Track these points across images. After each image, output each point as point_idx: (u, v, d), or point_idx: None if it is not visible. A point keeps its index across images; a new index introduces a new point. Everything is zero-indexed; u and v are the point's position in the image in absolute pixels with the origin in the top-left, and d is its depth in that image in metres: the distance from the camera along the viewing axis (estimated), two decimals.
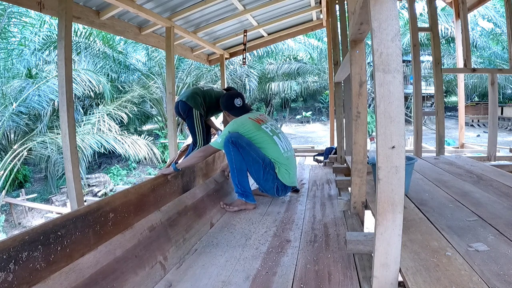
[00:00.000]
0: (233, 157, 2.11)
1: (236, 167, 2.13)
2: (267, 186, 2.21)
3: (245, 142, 2.12)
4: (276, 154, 2.20)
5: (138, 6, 3.22)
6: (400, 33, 0.94)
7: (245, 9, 4.32)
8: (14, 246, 1.11)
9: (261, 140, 2.19)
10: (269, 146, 2.19)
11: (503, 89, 16.85)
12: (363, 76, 1.64)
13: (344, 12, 3.11)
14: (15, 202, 8.54)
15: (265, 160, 2.16)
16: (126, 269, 1.21)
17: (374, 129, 3.03)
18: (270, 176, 2.18)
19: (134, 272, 1.24)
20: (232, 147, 2.10)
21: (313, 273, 1.28)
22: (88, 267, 1.08)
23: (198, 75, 14.23)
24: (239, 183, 2.15)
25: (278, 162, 2.20)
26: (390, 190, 0.96)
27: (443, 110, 3.58)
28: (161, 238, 1.50)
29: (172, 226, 1.62)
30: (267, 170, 2.17)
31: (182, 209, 1.79)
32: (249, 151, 2.12)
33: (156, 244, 1.43)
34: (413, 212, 1.61)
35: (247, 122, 2.23)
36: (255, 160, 2.13)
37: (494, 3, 15.01)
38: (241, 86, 15.94)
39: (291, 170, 2.25)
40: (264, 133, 2.21)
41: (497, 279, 0.98)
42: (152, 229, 1.47)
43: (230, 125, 2.24)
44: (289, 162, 2.24)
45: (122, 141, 9.56)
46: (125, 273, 1.20)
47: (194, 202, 1.96)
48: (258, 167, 2.14)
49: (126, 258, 1.24)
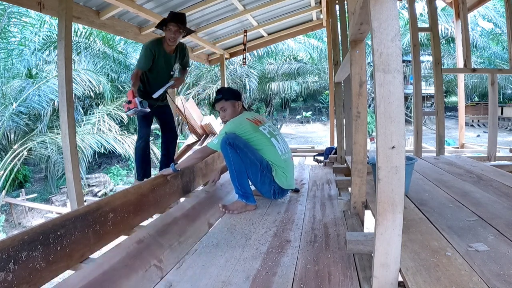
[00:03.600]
0: (231, 158, 2.07)
1: (235, 168, 2.09)
2: (264, 189, 2.18)
3: (243, 144, 2.08)
4: (273, 157, 2.16)
5: (138, 6, 3.22)
6: (400, 33, 0.94)
7: (245, 9, 4.32)
8: (14, 246, 1.11)
9: (259, 142, 2.15)
10: (267, 148, 2.16)
11: (503, 89, 16.84)
12: (363, 76, 1.64)
13: (344, 12, 3.11)
14: (15, 202, 8.55)
15: (262, 163, 2.12)
16: (116, 278, 1.25)
17: (374, 129, 3.03)
18: (267, 179, 2.14)
19: (126, 277, 1.27)
20: (230, 148, 2.05)
21: (313, 273, 1.28)
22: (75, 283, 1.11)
23: (198, 75, 14.24)
24: (239, 185, 2.11)
25: (275, 164, 2.16)
26: (390, 190, 0.96)
27: (443, 110, 3.58)
28: (152, 246, 1.54)
29: (162, 235, 1.65)
30: (264, 173, 2.13)
31: (171, 221, 1.82)
32: (247, 153, 2.08)
33: (147, 252, 1.47)
34: (413, 212, 1.61)
35: (244, 123, 2.17)
36: (253, 162, 2.09)
37: (494, 3, 15.02)
38: (241, 86, 15.93)
39: (289, 173, 2.21)
40: (261, 134, 2.17)
41: (497, 279, 0.98)
42: (140, 242, 1.52)
43: (228, 125, 2.19)
44: (287, 164, 2.21)
45: (122, 141, 9.56)
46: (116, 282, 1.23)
47: (184, 212, 1.98)
48: (255, 169, 2.11)
49: (115, 269, 1.28)
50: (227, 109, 2.28)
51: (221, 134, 2.16)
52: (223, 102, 2.28)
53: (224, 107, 2.28)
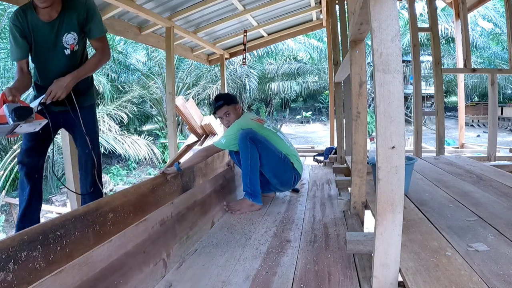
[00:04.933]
0: (250, 153, 2.10)
1: (251, 163, 2.11)
2: (286, 177, 2.26)
3: (262, 138, 2.17)
4: (285, 148, 2.27)
5: (138, 6, 3.22)
6: (400, 33, 0.94)
7: (245, 9, 4.32)
8: (13, 246, 1.11)
9: (269, 138, 2.23)
10: (277, 142, 2.26)
11: (503, 89, 16.84)
12: (363, 76, 1.64)
13: (344, 12, 3.11)
14: (15, 202, 8.53)
15: (281, 152, 2.23)
16: (133, 264, 1.20)
17: (374, 129, 3.03)
18: (288, 167, 2.24)
19: (140, 268, 1.23)
20: (250, 143, 2.09)
21: (313, 273, 1.28)
22: (101, 260, 1.07)
23: (198, 75, 14.24)
24: (250, 182, 2.12)
25: (288, 154, 2.27)
26: (390, 190, 0.96)
27: (443, 110, 3.58)
28: (168, 233, 1.49)
29: (180, 221, 1.61)
30: (286, 161, 2.23)
31: (191, 204, 1.78)
32: (267, 146, 2.16)
33: (163, 240, 1.43)
34: (413, 212, 1.61)
35: (250, 122, 2.27)
36: (274, 154, 2.18)
37: (494, 3, 15.02)
38: (241, 86, 15.94)
39: (300, 159, 2.36)
40: (268, 130, 2.28)
41: (497, 279, 0.98)
42: (162, 223, 1.46)
43: (235, 126, 2.24)
44: (296, 152, 2.36)
45: (122, 141, 9.56)
46: (132, 269, 1.19)
47: (203, 197, 1.95)
48: (277, 159, 2.19)
49: (135, 253, 1.23)
50: (230, 113, 2.33)
51: (229, 135, 2.19)
52: (226, 107, 2.32)
53: (228, 112, 2.33)
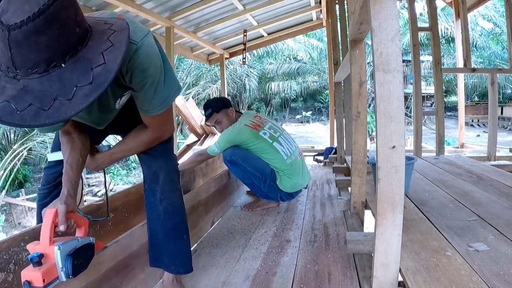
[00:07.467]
0: (235, 173, 2.17)
1: (244, 182, 2.22)
2: (271, 195, 2.17)
3: (241, 158, 2.05)
4: (277, 162, 2.08)
5: (138, 6, 3.22)
6: (400, 33, 0.94)
7: (245, 9, 4.32)
8: (14, 246, 1.11)
9: (261, 150, 2.06)
10: (270, 154, 2.07)
11: (503, 89, 16.84)
12: (363, 76, 1.64)
13: (344, 12, 3.11)
14: (15, 202, 8.54)
15: (264, 172, 2.08)
16: (137, 265, 1.20)
17: (374, 129, 3.03)
18: (272, 188, 2.11)
19: (142, 269, 1.22)
20: (231, 165, 2.11)
21: (313, 273, 1.28)
22: (106, 260, 1.07)
23: (198, 75, 14.25)
24: (256, 191, 2.21)
25: (280, 170, 2.09)
26: (390, 190, 0.96)
27: (443, 110, 3.58)
28: None
29: None
30: (268, 182, 2.10)
31: (196, 204, 1.77)
32: (245, 167, 2.06)
33: None
34: (413, 212, 1.61)
35: (243, 131, 2.05)
36: (253, 175, 2.08)
37: (494, 3, 15.02)
38: (241, 86, 15.95)
39: (295, 176, 2.11)
40: (262, 141, 2.06)
41: (497, 279, 0.98)
42: None
43: (226, 134, 2.08)
44: (293, 167, 2.11)
45: None
46: (135, 269, 1.19)
47: (207, 196, 1.95)
48: (258, 180, 2.10)
49: (140, 253, 1.23)
50: (222, 121, 2.14)
51: (221, 143, 2.08)
52: (215, 115, 2.13)
53: (218, 120, 2.14)
